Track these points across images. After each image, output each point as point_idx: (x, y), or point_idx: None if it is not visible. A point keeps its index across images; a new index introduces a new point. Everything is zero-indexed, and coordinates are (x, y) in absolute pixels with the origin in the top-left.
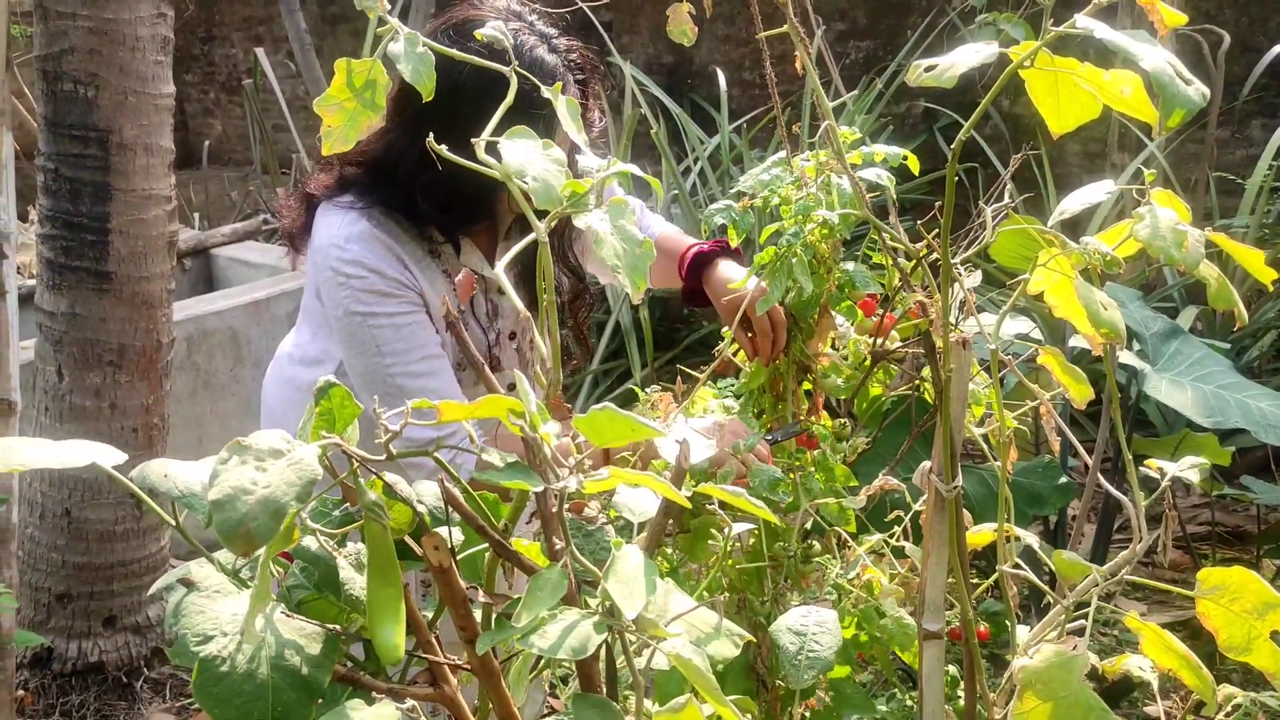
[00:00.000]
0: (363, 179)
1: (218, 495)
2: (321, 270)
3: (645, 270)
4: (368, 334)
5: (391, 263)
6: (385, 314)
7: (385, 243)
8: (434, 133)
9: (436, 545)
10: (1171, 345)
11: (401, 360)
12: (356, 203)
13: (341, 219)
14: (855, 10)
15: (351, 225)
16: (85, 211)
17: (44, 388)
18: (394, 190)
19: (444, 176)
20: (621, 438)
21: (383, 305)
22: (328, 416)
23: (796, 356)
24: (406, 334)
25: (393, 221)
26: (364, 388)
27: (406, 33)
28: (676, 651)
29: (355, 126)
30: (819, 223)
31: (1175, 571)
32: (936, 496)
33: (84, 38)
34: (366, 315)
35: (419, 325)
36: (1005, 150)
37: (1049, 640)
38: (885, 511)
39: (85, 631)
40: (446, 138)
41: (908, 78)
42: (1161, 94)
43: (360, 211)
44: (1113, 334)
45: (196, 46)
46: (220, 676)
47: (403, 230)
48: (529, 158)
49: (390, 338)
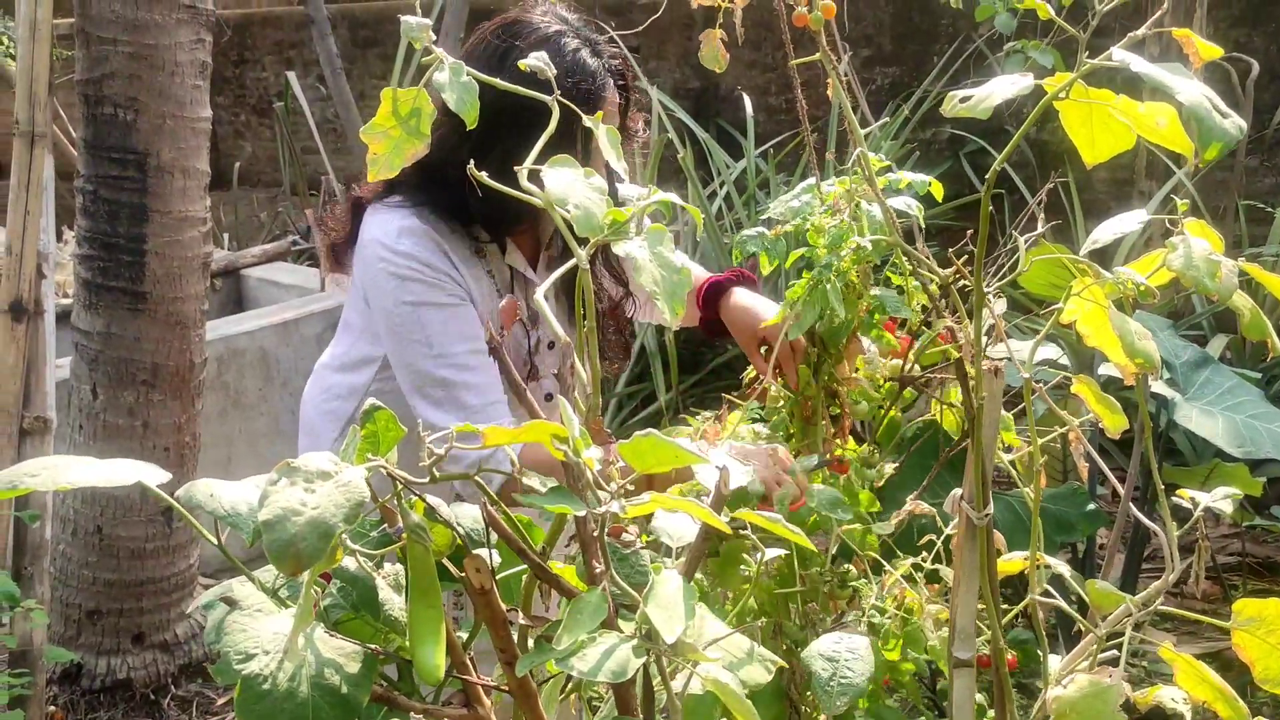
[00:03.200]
0: (411, 179)
1: (268, 516)
2: (370, 265)
3: (683, 297)
4: (416, 324)
5: (440, 257)
6: (434, 304)
7: (434, 239)
8: (483, 131)
9: (478, 567)
10: (1202, 374)
11: (448, 351)
12: (405, 203)
13: (391, 216)
14: (881, 36)
15: (402, 221)
16: (123, 233)
17: (79, 406)
18: (443, 190)
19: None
20: (665, 463)
21: (432, 295)
22: (372, 439)
23: (825, 382)
24: (454, 326)
25: (440, 220)
26: (410, 381)
27: (451, 62)
28: (713, 676)
29: (400, 154)
30: (852, 249)
31: (1206, 602)
32: (968, 524)
33: (124, 63)
34: (415, 305)
35: (467, 318)
36: (1032, 176)
37: (1081, 670)
38: (914, 536)
39: (114, 648)
40: (494, 136)
41: (943, 109)
42: (1199, 127)
43: (410, 210)
44: (1147, 364)
45: (229, 69)
46: (262, 694)
47: (450, 229)
48: (571, 186)
49: (438, 329)
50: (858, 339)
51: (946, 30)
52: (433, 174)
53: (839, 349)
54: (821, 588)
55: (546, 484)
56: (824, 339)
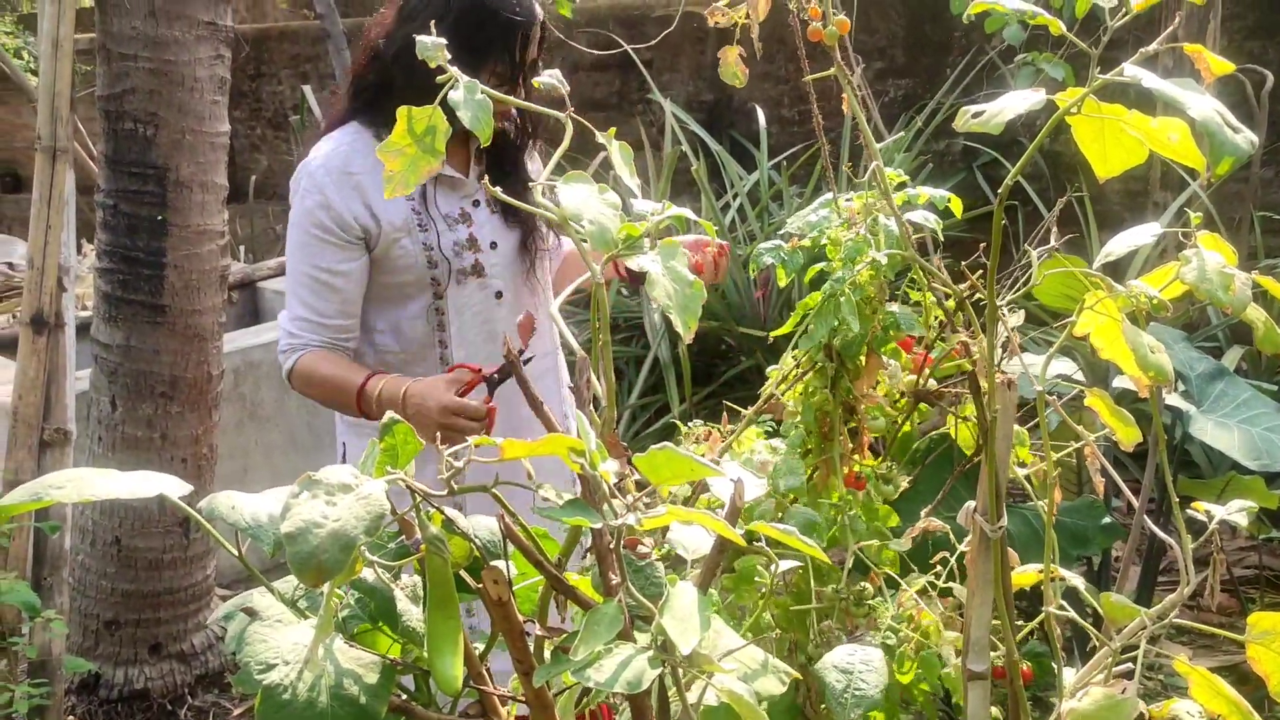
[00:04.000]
0: (346, 102)
1: (290, 528)
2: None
3: (697, 310)
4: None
5: (345, 192)
6: (302, 227)
7: (343, 158)
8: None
9: (496, 579)
10: (1217, 386)
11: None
12: (344, 127)
13: (321, 144)
14: (894, 49)
15: (323, 146)
16: (142, 246)
17: (98, 417)
18: (370, 105)
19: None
20: (680, 476)
21: (306, 219)
22: (391, 452)
23: (843, 397)
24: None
25: (371, 132)
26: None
27: (466, 81)
28: (728, 687)
29: (416, 171)
30: (868, 263)
31: (1221, 615)
32: (981, 536)
33: (145, 78)
34: (295, 221)
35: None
36: (1045, 188)
37: (1096, 683)
38: (927, 551)
39: (132, 658)
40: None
41: (956, 124)
42: (1210, 143)
43: (340, 132)
44: (1161, 377)
45: (245, 83)
46: (282, 704)
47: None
48: (585, 201)
49: (299, 241)
50: (877, 355)
51: (959, 42)
52: (359, 90)
53: (856, 364)
54: (838, 605)
55: (562, 497)
56: (840, 353)
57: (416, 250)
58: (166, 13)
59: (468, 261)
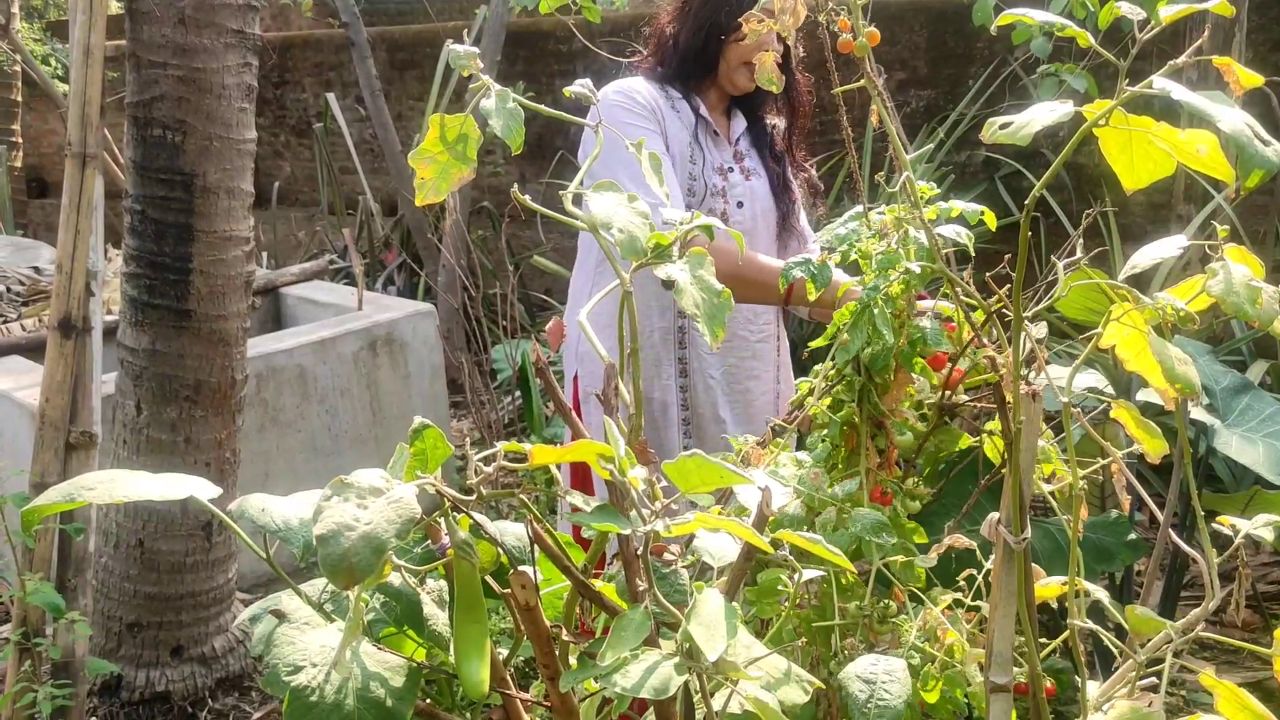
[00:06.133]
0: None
1: (322, 530)
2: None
3: (723, 319)
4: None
5: (646, 97)
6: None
7: (642, 89)
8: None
9: (524, 584)
10: (1242, 400)
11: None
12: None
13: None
14: (916, 59)
15: (618, 83)
16: (169, 252)
17: (123, 421)
18: (666, 65)
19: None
20: (710, 483)
21: (627, 117)
22: (421, 456)
23: (871, 412)
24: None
25: (658, 83)
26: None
27: (498, 89)
28: (754, 695)
29: (447, 179)
30: (900, 274)
31: (1245, 631)
32: (1005, 548)
33: (173, 86)
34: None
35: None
36: (1068, 199)
37: (1120, 696)
38: (950, 565)
39: (153, 661)
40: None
41: (983, 135)
42: (1240, 155)
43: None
44: (1188, 389)
45: (269, 91)
46: (310, 706)
47: (658, 87)
48: (615, 210)
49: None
50: (905, 370)
51: (982, 53)
52: (661, 49)
53: (885, 378)
54: (861, 621)
55: (590, 503)
56: (868, 367)
57: (683, 174)
58: (196, 21)
59: (716, 207)
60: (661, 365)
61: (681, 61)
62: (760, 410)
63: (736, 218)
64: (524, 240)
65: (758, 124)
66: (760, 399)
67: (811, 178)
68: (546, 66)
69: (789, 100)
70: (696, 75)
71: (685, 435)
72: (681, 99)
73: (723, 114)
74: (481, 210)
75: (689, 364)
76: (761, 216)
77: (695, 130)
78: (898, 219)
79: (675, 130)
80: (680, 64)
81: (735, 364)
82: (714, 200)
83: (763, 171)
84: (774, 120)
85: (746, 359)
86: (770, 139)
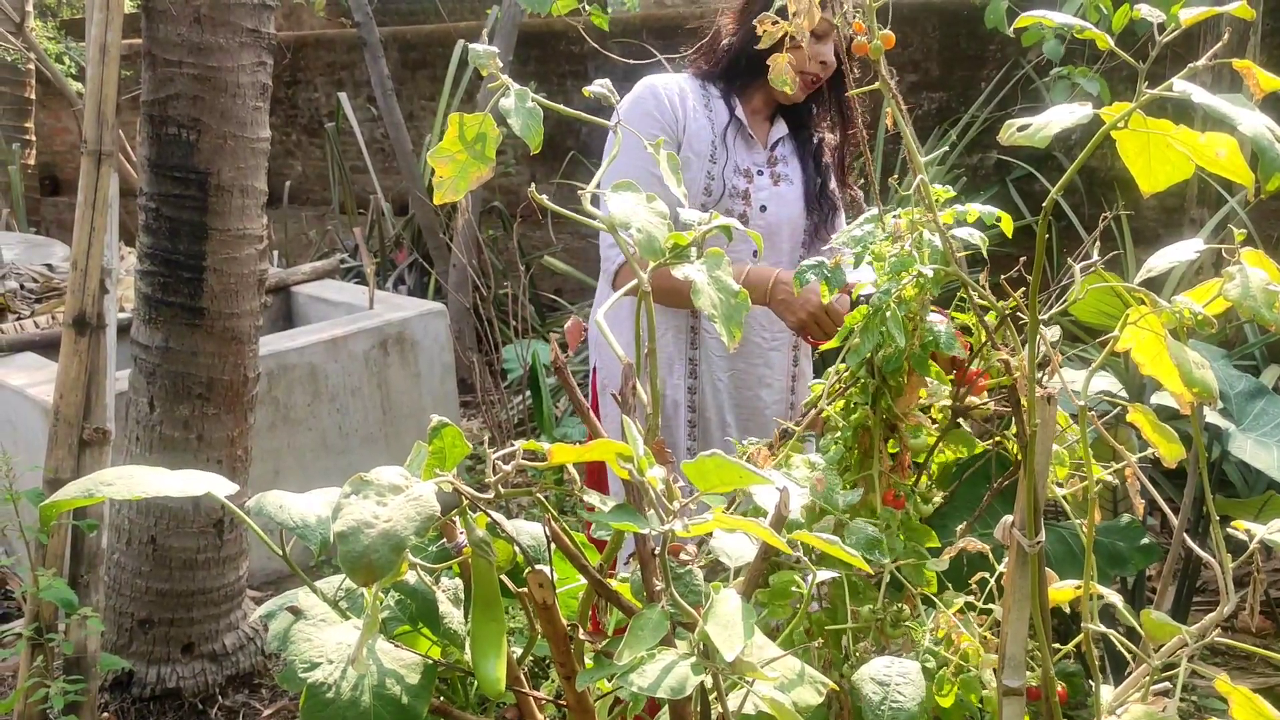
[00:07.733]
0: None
1: (342, 527)
2: None
3: (741, 320)
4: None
5: (667, 95)
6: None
7: (676, 89)
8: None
9: (541, 583)
10: (1257, 405)
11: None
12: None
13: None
14: (928, 62)
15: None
16: (183, 250)
17: (136, 418)
18: (713, 64)
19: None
20: (728, 484)
21: (642, 122)
22: (440, 454)
23: (884, 415)
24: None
25: (701, 80)
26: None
27: (516, 89)
28: (769, 695)
29: (466, 178)
30: (913, 277)
31: (1259, 637)
32: (1019, 552)
33: (189, 84)
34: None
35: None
36: (1081, 202)
37: (1134, 701)
38: (963, 568)
39: (164, 657)
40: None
41: (1000, 136)
42: (1260, 158)
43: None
44: (1205, 393)
45: (281, 90)
46: (326, 703)
47: (699, 86)
48: (634, 210)
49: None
50: (918, 373)
51: (994, 56)
52: (711, 51)
53: (898, 381)
54: (874, 625)
55: (608, 503)
56: (881, 370)
57: (700, 173)
58: (211, 20)
59: (735, 208)
60: (674, 364)
61: (732, 62)
62: (770, 418)
63: (757, 221)
64: (535, 240)
65: (803, 133)
66: (772, 407)
67: (857, 198)
68: (558, 67)
69: (841, 115)
70: (744, 77)
71: (690, 438)
72: (719, 97)
73: (765, 119)
74: (492, 210)
75: (699, 365)
76: (787, 223)
77: (725, 130)
78: (913, 222)
79: (698, 128)
80: (730, 64)
81: (744, 369)
82: (732, 201)
83: (797, 180)
84: (826, 135)
85: (757, 365)
86: (817, 150)
